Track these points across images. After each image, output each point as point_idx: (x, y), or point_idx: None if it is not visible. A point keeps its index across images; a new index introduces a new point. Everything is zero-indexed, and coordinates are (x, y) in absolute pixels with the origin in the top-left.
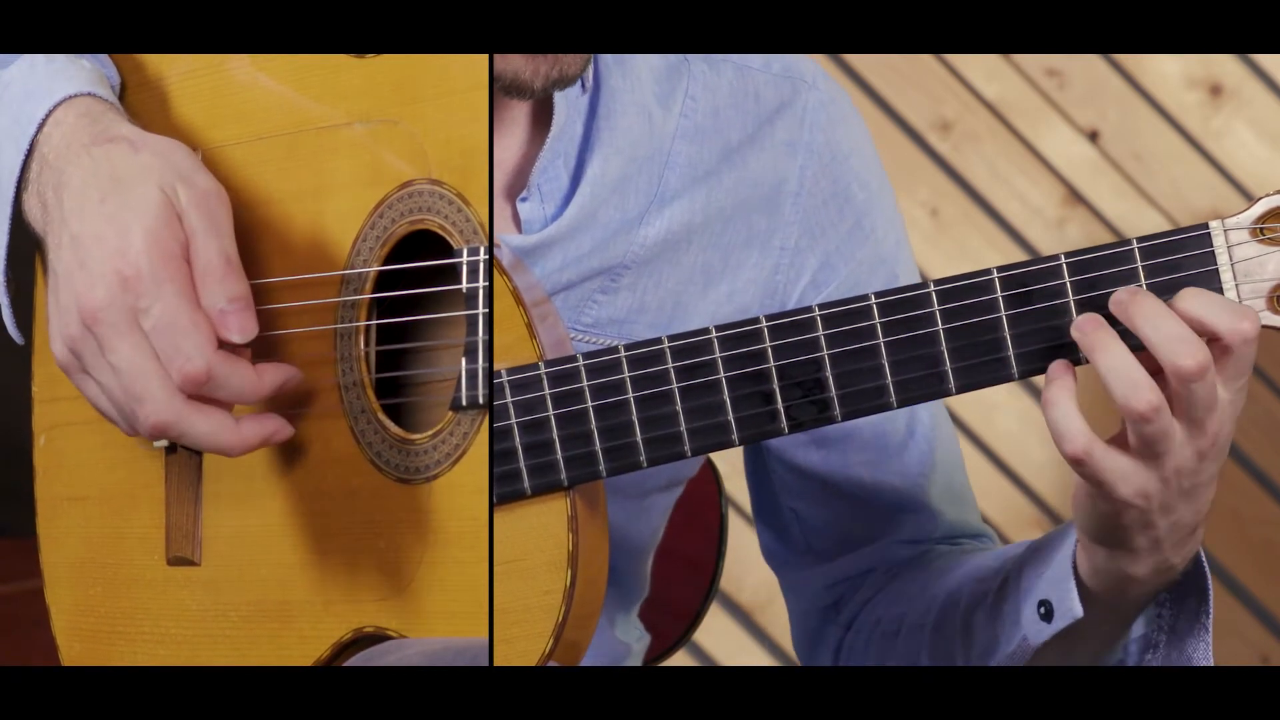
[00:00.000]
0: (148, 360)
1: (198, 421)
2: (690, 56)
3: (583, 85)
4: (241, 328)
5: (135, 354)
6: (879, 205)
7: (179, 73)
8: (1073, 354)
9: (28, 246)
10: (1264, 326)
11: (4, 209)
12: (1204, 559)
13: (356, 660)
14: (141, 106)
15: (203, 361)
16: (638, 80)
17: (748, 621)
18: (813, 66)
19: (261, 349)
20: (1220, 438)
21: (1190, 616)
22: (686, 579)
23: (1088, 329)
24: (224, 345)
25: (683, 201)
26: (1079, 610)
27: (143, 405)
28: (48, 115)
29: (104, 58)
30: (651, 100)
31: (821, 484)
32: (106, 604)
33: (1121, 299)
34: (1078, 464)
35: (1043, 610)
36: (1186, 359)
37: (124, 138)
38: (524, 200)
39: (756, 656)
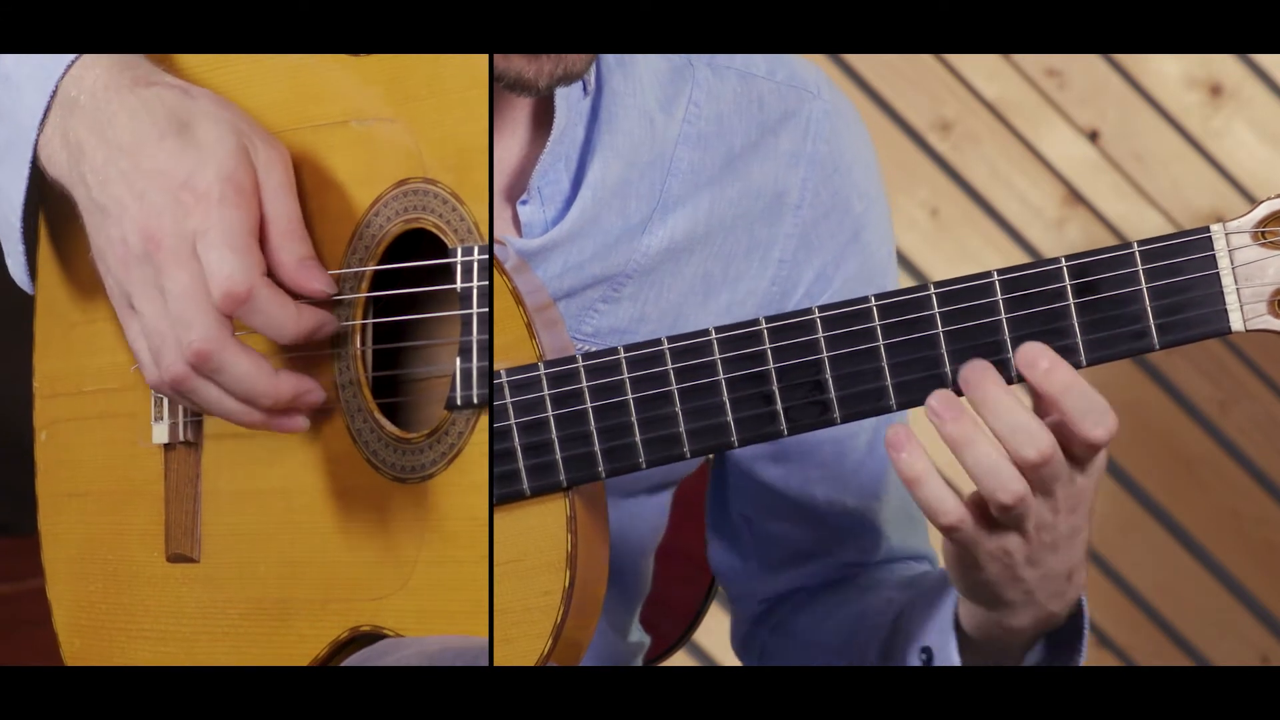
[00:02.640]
0: (202, 286)
1: (240, 358)
2: (694, 62)
3: (584, 88)
4: (326, 282)
5: (190, 279)
6: (875, 218)
7: (177, 72)
8: (1068, 359)
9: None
10: (1265, 331)
11: (25, 152)
12: (1084, 605)
13: (354, 659)
14: None
15: (247, 280)
16: (640, 84)
17: None
18: (817, 75)
19: (259, 347)
20: (1073, 492)
21: (1065, 654)
22: (686, 579)
23: (949, 420)
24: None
25: (686, 210)
26: (957, 661)
27: (189, 330)
28: (77, 58)
29: None
30: (654, 105)
31: (778, 498)
32: (107, 600)
33: (968, 380)
34: (952, 532)
35: (924, 656)
36: (1029, 451)
37: (172, 84)
38: (524, 203)
39: None
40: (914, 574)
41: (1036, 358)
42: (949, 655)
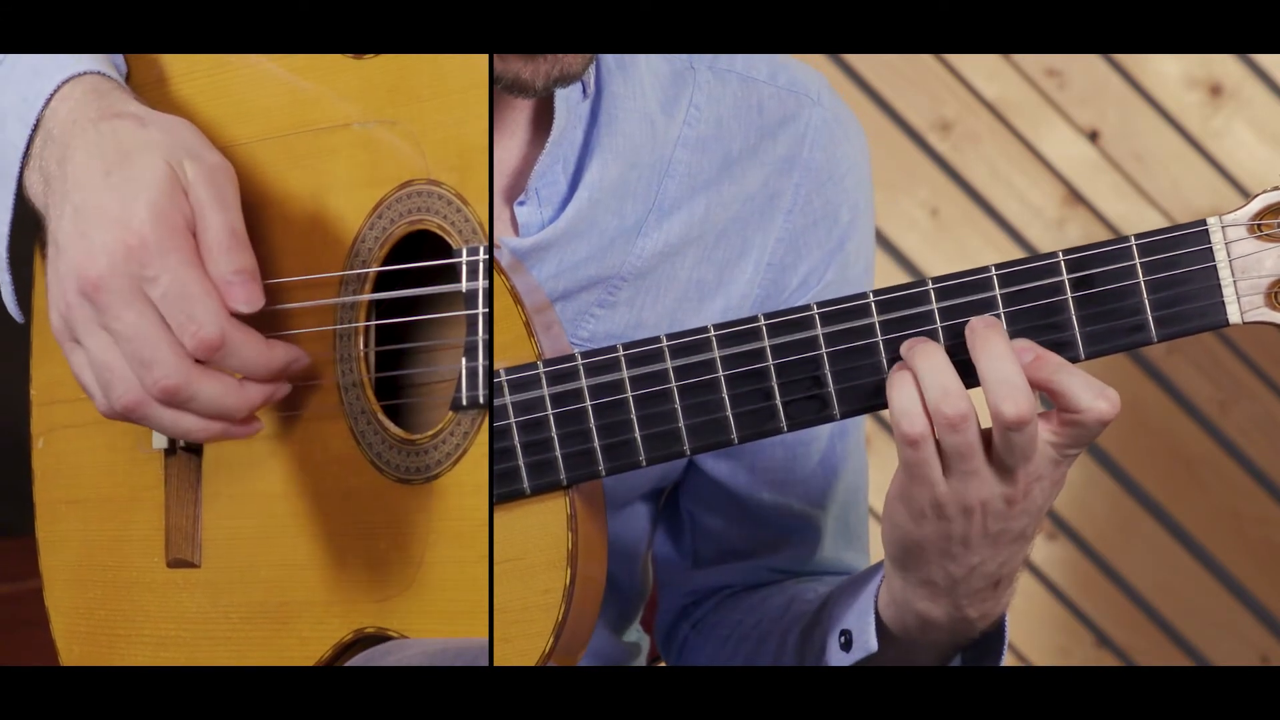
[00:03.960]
0: (155, 327)
1: (206, 384)
2: (696, 65)
3: (584, 90)
4: (248, 298)
5: (141, 320)
6: (860, 229)
7: (177, 75)
8: (1067, 353)
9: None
10: (1263, 323)
11: (8, 184)
12: (1006, 628)
13: (357, 661)
14: None
15: (217, 328)
16: (641, 87)
17: None
18: (818, 81)
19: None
20: (1033, 494)
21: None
22: None
23: (921, 339)
24: (233, 316)
25: (682, 213)
26: (874, 644)
27: (151, 370)
28: (55, 91)
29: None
30: (654, 107)
31: (724, 494)
32: (106, 606)
33: (974, 327)
34: (911, 445)
35: (843, 640)
36: (1008, 406)
37: (131, 114)
38: (521, 204)
39: None
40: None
41: (1021, 350)
42: (867, 640)
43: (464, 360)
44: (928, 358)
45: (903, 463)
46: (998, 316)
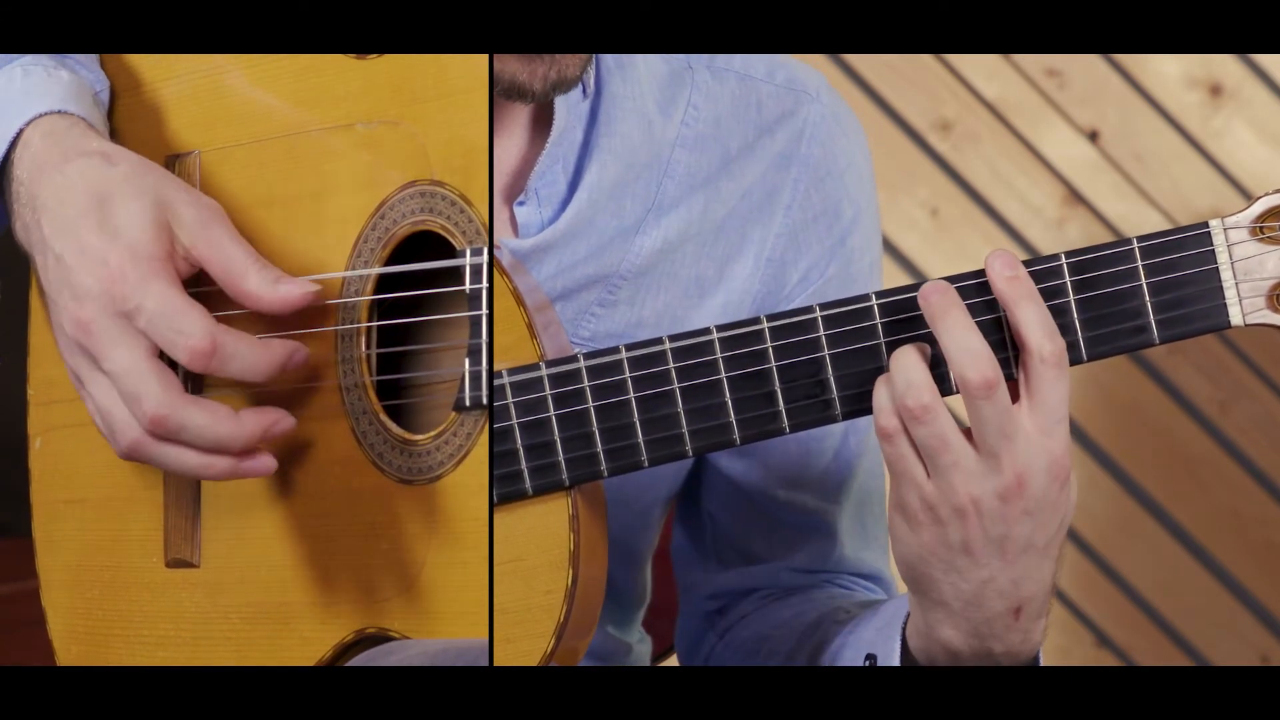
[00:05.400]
0: (143, 359)
1: (194, 412)
2: (694, 65)
3: (584, 90)
4: (304, 289)
5: (129, 354)
6: (863, 224)
7: (177, 74)
8: (1069, 354)
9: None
10: (1264, 325)
11: None
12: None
13: (358, 661)
14: (137, 109)
15: (205, 334)
16: (639, 86)
17: None
18: (817, 79)
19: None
20: (1029, 490)
21: None
22: None
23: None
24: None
25: (680, 211)
26: (897, 664)
27: (140, 403)
28: (16, 137)
29: (94, 64)
30: (652, 107)
31: (739, 493)
32: (104, 606)
33: (931, 311)
34: (885, 439)
35: (868, 663)
36: (972, 372)
37: (96, 151)
38: (521, 204)
39: None
40: (871, 598)
41: (1005, 265)
42: (891, 662)
43: (467, 362)
44: (898, 357)
45: (886, 463)
46: (1001, 319)
